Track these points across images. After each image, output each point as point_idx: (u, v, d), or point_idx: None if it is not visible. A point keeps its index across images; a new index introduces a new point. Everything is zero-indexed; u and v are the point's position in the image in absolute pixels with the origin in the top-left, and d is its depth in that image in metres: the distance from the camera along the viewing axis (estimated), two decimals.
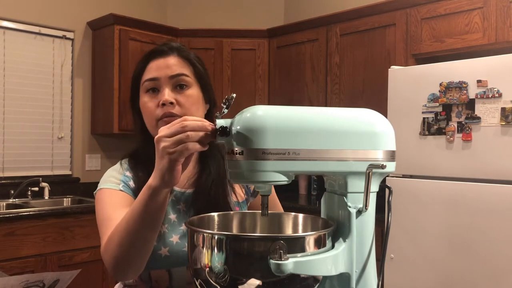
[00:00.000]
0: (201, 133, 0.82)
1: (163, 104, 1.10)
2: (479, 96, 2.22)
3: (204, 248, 0.74)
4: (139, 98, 1.18)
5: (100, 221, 1.08)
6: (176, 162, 0.83)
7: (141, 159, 1.17)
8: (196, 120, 0.84)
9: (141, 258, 0.96)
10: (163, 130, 0.84)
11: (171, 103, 1.10)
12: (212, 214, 0.92)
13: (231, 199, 1.22)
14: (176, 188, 1.19)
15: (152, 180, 0.87)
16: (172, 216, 1.15)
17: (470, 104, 2.25)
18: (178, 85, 1.13)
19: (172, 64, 1.14)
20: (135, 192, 1.11)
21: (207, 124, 0.84)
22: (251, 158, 0.75)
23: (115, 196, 1.10)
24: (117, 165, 1.20)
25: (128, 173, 1.16)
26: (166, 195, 0.89)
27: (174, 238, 1.13)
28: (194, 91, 1.15)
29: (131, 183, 1.14)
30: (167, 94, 1.11)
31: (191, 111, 1.12)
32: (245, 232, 0.93)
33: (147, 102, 1.14)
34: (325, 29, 3.35)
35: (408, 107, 2.47)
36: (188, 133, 0.82)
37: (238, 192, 1.26)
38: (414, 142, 2.44)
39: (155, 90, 1.13)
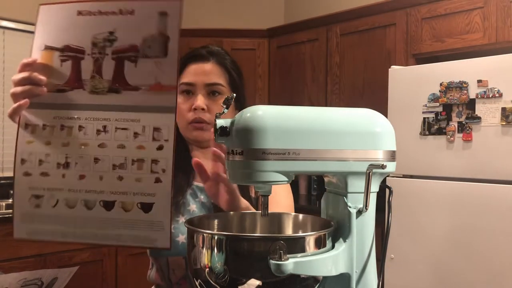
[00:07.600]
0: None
1: (195, 109, 1.16)
2: (479, 96, 2.22)
3: (204, 248, 0.74)
4: None
5: None
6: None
7: None
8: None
9: None
10: None
11: (203, 109, 1.16)
12: (212, 214, 0.92)
13: (251, 195, 1.24)
14: (195, 183, 1.21)
15: None
16: (192, 207, 1.19)
17: (471, 104, 2.25)
18: (211, 92, 1.19)
19: (209, 71, 1.19)
20: None
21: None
22: (251, 158, 0.74)
23: None
24: None
25: None
26: None
27: None
28: None
29: None
30: (200, 100, 1.17)
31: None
32: (245, 232, 0.93)
33: (180, 103, 1.18)
34: (325, 29, 3.34)
35: (408, 107, 2.46)
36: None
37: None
38: (415, 142, 2.43)
39: (189, 92, 1.19)
